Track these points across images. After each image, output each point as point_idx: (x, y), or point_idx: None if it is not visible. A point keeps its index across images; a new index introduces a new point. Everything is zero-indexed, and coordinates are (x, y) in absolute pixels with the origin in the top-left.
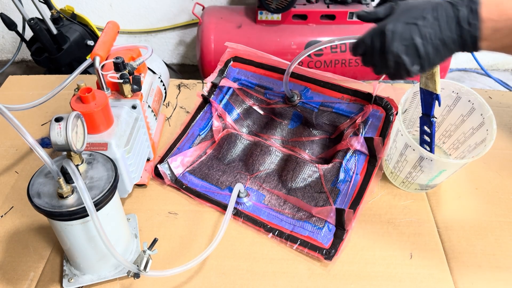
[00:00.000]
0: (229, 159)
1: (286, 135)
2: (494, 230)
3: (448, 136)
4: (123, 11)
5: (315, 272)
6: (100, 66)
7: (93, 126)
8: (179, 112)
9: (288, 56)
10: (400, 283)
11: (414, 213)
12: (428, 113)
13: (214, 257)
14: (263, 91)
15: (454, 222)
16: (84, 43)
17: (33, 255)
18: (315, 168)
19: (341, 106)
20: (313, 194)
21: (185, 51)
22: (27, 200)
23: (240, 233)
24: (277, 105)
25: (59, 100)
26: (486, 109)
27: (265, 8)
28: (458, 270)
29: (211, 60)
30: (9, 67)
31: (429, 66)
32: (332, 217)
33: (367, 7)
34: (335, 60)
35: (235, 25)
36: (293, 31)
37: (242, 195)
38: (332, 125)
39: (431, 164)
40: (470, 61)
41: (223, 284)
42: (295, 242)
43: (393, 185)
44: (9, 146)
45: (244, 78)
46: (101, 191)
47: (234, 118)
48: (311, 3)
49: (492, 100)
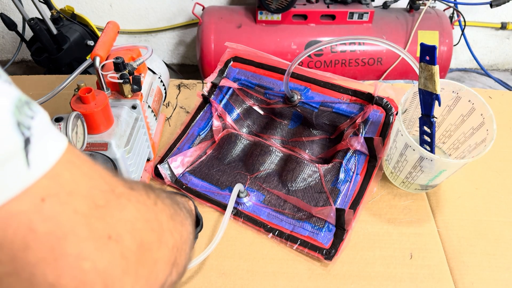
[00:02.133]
0: (229, 159)
1: (286, 135)
2: (494, 230)
3: (448, 136)
4: (123, 11)
5: (315, 272)
6: (100, 66)
7: (93, 126)
8: (179, 112)
9: (288, 56)
10: (400, 283)
11: (414, 213)
12: (428, 114)
13: (214, 257)
14: (263, 91)
15: (454, 222)
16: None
17: None
18: (315, 168)
19: (341, 106)
20: (313, 194)
21: (185, 51)
22: None
23: (240, 233)
24: (277, 105)
25: (59, 100)
26: (486, 109)
27: (265, 8)
28: (458, 270)
29: (211, 60)
30: (9, 67)
31: None
32: (332, 217)
33: (367, 7)
34: (335, 60)
35: (235, 25)
36: (293, 31)
37: (242, 195)
38: (332, 125)
39: (431, 164)
40: (470, 61)
41: (223, 284)
42: (295, 242)
43: (393, 185)
44: None
45: (244, 78)
46: None
47: (234, 118)
48: (311, 3)
49: (492, 100)
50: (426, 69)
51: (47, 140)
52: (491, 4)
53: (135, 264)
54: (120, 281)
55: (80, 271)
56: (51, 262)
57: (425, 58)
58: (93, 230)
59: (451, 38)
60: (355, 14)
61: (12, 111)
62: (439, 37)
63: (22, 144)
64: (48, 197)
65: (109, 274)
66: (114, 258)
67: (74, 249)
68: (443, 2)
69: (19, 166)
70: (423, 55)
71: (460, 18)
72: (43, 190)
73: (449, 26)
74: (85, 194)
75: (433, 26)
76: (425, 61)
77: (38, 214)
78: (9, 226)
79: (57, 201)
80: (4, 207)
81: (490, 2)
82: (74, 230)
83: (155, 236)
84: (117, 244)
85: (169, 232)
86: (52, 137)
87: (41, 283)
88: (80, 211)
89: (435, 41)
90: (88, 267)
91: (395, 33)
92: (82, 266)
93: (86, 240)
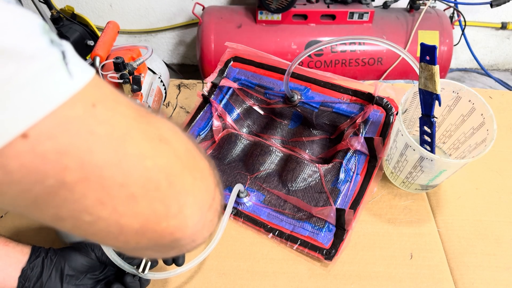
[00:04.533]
0: (229, 159)
1: (286, 135)
2: (494, 230)
3: (448, 136)
4: (123, 11)
5: (315, 272)
6: (100, 66)
7: None
8: (179, 112)
9: (288, 56)
10: (401, 283)
11: (415, 213)
12: (428, 113)
13: (214, 257)
14: (263, 91)
15: (455, 222)
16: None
17: None
18: (315, 168)
19: (341, 106)
20: (313, 194)
21: (185, 51)
22: None
23: (240, 233)
24: (277, 105)
25: None
26: (486, 109)
27: (265, 8)
28: (458, 270)
29: (211, 60)
30: None
31: None
32: (333, 217)
33: (367, 7)
34: (335, 60)
35: (235, 25)
36: (293, 31)
37: (242, 195)
38: (332, 125)
39: (432, 164)
40: (471, 60)
41: (223, 284)
42: (295, 242)
43: (393, 185)
44: None
45: (244, 78)
46: None
47: (234, 118)
48: (311, 3)
49: (493, 100)
50: (426, 69)
51: (79, 58)
52: (491, 4)
53: (188, 165)
54: (181, 177)
55: (144, 169)
56: (117, 163)
57: (425, 58)
58: (145, 132)
59: (451, 38)
60: (355, 14)
61: (45, 28)
62: (439, 37)
63: (60, 55)
64: (97, 103)
65: (170, 170)
66: (170, 157)
67: (134, 149)
68: (443, 2)
69: (62, 75)
70: (423, 55)
71: (460, 18)
72: (91, 96)
73: (449, 26)
74: (127, 104)
75: (433, 26)
76: (425, 61)
77: (93, 118)
78: (70, 131)
79: (107, 107)
80: (60, 113)
81: (491, 2)
82: (129, 132)
83: (195, 147)
84: (168, 146)
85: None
86: (81, 59)
87: (111, 185)
88: (129, 116)
89: (435, 41)
90: (151, 165)
91: (395, 33)
92: (145, 164)
93: (142, 141)
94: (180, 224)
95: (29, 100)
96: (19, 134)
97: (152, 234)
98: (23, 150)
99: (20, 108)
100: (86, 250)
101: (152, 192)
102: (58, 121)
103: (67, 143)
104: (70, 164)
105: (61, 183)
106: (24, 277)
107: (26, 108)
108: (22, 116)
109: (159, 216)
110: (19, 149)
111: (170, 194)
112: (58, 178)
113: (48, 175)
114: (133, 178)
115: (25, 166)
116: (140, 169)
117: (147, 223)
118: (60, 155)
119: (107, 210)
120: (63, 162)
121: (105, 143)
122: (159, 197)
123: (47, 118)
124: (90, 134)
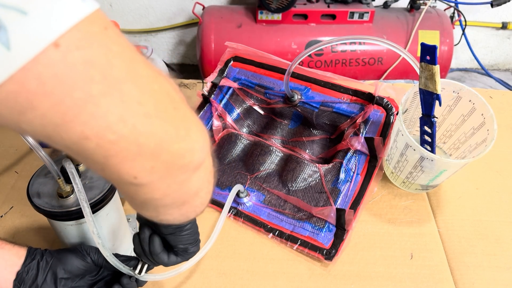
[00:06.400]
0: (229, 159)
1: (286, 135)
2: (495, 230)
3: (448, 136)
4: (123, 10)
5: (316, 272)
6: None
7: None
8: None
9: (288, 56)
10: (401, 283)
11: (415, 213)
12: (429, 113)
13: (214, 257)
14: (263, 91)
15: (455, 222)
16: None
17: None
18: (315, 168)
19: (342, 106)
20: (313, 194)
21: (185, 51)
22: (27, 200)
23: (240, 233)
24: (278, 105)
25: None
26: (487, 109)
27: (265, 8)
28: (458, 270)
29: (211, 60)
30: None
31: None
32: (333, 217)
33: (367, 6)
34: (336, 60)
35: (235, 25)
36: (294, 31)
37: (242, 194)
38: (332, 125)
39: (432, 164)
40: (471, 60)
41: (223, 284)
42: (295, 242)
43: (393, 185)
44: (9, 146)
45: (244, 78)
46: (101, 191)
47: (234, 118)
48: (311, 3)
49: (493, 100)
50: (426, 69)
51: None
52: (492, 4)
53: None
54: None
55: (153, 90)
56: (132, 79)
57: (425, 57)
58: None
59: (452, 37)
60: (355, 14)
61: None
62: (440, 36)
63: None
64: (108, 27)
65: (173, 97)
66: (171, 85)
67: (143, 71)
68: (444, 2)
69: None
70: (423, 54)
71: (461, 17)
72: (102, 20)
73: (450, 26)
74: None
75: (434, 26)
76: (426, 60)
77: (108, 38)
78: (94, 43)
79: (115, 32)
80: (82, 27)
81: (491, 1)
82: (136, 57)
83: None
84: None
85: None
86: None
87: (130, 101)
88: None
89: (436, 40)
90: (158, 88)
91: (396, 32)
92: (153, 86)
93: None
94: (188, 146)
95: (59, 10)
96: (52, 42)
97: (166, 156)
98: (55, 58)
99: (51, 16)
100: (82, 253)
101: (162, 113)
102: (83, 33)
103: (92, 54)
104: (95, 76)
105: (88, 95)
106: (20, 280)
107: (56, 17)
108: (54, 25)
109: (171, 137)
110: (51, 57)
111: (177, 117)
112: (85, 89)
113: (77, 87)
114: (146, 97)
115: (57, 76)
116: (151, 90)
117: (161, 142)
118: (87, 66)
119: (128, 128)
120: (89, 73)
121: (121, 60)
122: (169, 118)
123: (74, 29)
124: (108, 50)
